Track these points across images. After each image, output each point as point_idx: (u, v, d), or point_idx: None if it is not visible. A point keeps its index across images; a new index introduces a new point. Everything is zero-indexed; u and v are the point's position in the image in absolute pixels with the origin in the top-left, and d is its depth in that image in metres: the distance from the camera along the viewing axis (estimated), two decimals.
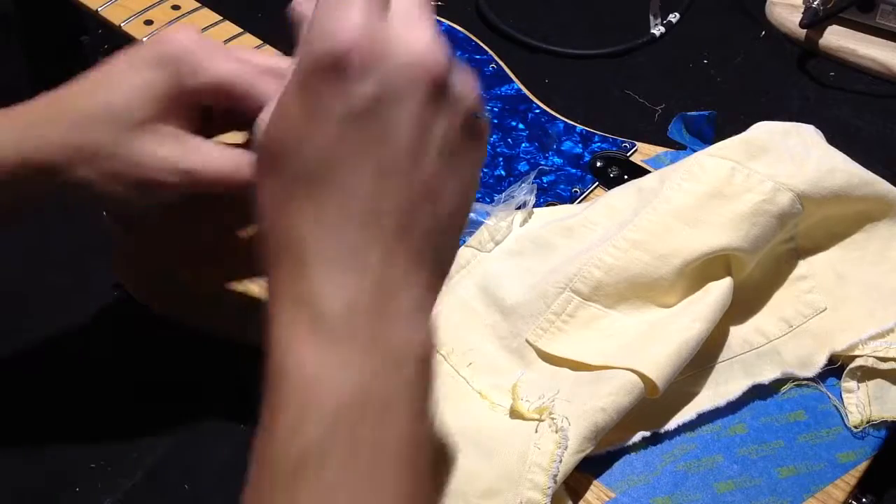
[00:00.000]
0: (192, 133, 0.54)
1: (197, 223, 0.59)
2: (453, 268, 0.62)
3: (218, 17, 0.75)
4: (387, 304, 0.42)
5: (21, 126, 0.53)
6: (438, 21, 0.82)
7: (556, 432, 0.52)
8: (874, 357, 0.58)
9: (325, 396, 0.40)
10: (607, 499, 0.54)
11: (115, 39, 0.88)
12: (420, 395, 0.42)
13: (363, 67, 0.41)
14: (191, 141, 0.53)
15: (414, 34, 0.43)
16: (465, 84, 0.45)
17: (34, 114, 0.53)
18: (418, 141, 0.43)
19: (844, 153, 0.63)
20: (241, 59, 0.53)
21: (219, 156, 0.53)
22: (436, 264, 0.44)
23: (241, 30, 0.75)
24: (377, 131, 0.42)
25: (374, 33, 0.42)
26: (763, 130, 0.63)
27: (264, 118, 0.45)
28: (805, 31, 0.88)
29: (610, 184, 0.68)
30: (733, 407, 0.57)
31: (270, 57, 0.54)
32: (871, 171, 0.63)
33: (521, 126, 0.74)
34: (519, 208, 0.65)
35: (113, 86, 0.52)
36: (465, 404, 0.56)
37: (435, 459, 0.51)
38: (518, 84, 0.77)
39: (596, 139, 0.73)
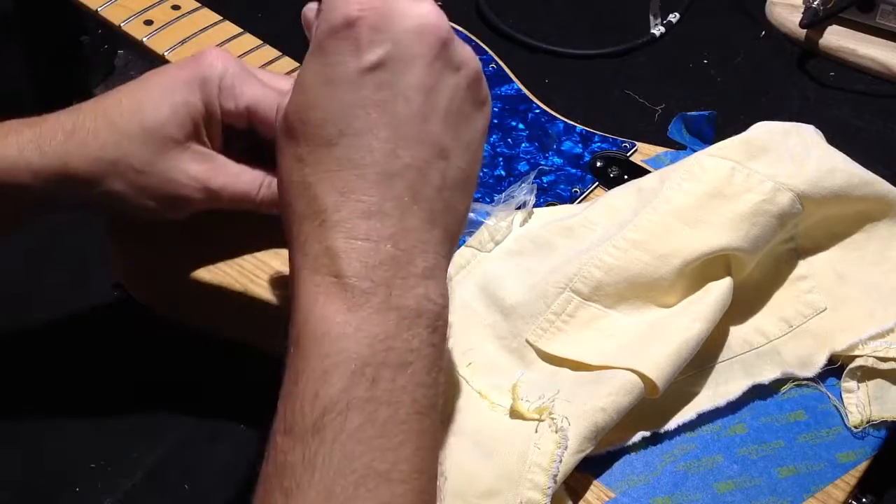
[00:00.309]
0: (218, 151, 0.57)
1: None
2: (453, 268, 0.63)
3: (218, 17, 0.75)
4: (402, 262, 0.44)
5: (61, 136, 0.55)
6: None
7: (556, 432, 0.52)
8: (874, 357, 0.58)
9: (346, 353, 0.42)
10: (607, 499, 0.54)
11: (115, 39, 0.89)
12: (434, 351, 0.44)
13: (374, 29, 0.44)
14: (218, 160, 0.57)
15: (418, 3, 0.46)
16: (467, 52, 0.48)
17: (74, 124, 0.55)
18: (427, 101, 0.45)
19: (844, 153, 0.63)
20: (268, 85, 0.57)
21: (243, 176, 0.57)
22: (448, 222, 0.47)
23: (241, 30, 0.75)
24: (389, 92, 0.45)
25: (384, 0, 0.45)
26: (763, 130, 0.63)
27: (283, 104, 0.47)
28: (805, 31, 0.88)
29: (610, 184, 0.68)
30: (733, 407, 0.57)
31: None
32: (871, 171, 0.63)
33: (521, 126, 0.74)
34: (519, 208, 0.65)
35: (150, 105, 0.55)
36: (464, 404, 0.56)
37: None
38: (518, 84, 0.77)
39: (596, 139, 0.73)
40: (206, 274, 0.60)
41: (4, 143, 0.54)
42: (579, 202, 0.68)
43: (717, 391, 0.58)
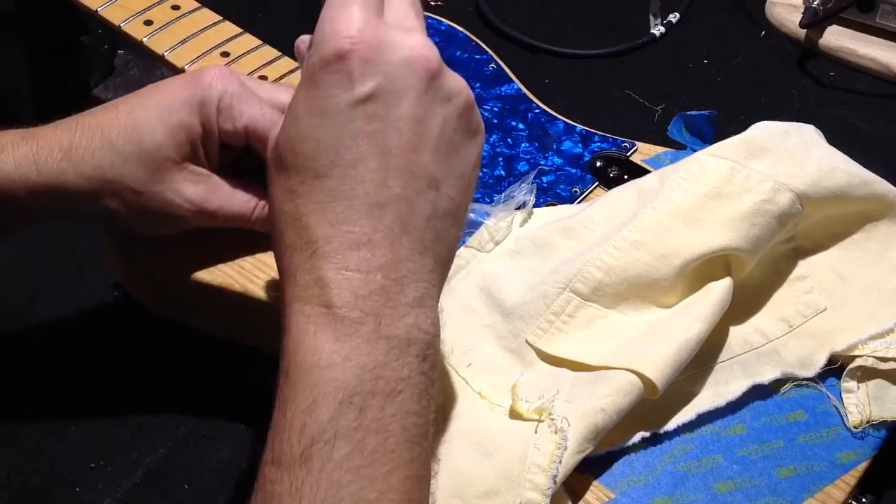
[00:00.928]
0: (214, 170, 0.57)
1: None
2: (453, 268, 0.62)
3: (218, 17, 0.75)
4: (393, 292, 0.44)
5: (58, 152, 0.55)
6: (438, 21, 0.82)
7: (556, 433, 0.52)
8: (874, 357, 0.58)
9: (335, 383, 0.42)
10: (607, 499, 0.54)
11: (115, 39, 0.89)
12: (424, 379, 0.44)
13: (365, 61, 0.44)
14: (214, 181, 0.57)
15: (409, 35, 0.46)
16: (458, 82, 0.48)
17: (71, 141, 0.55)
18: (418, 132, 0.45)
19: (844, 153, 0.63)
20: (268, 102, 0.57)
21: (238, 198, 0.58)
22: (438, 251, 0.47)
23: (241, 30, 0.75)
24: (380, 123, 0.45)
25: (375, 31, 0.45)
26: (763, 130, 0.63)
27: (274, 134, 0.47)
28: (805, 31, 0.88)
29: (610, 184, 0.68)
30: (733, 407, 0.57)
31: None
32: (871, 171, 0.63)
33: (521, 126, 0.74)
34: (519, 208, 0.65)
35: (148, 125, 0.55)
36: (464, 405, 0.56)
37: (434, 460, 0.52)
38: (518, 84, 0.77)
39: (596, 139, 0.73)
40: (206, 275, 0.60)
41: (0, 158, 0.54)
42: (579, 202, 0.68)
43: (717, 391, 0.58)
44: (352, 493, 0.40)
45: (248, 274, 0.60)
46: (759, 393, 0.58)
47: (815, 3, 0.86)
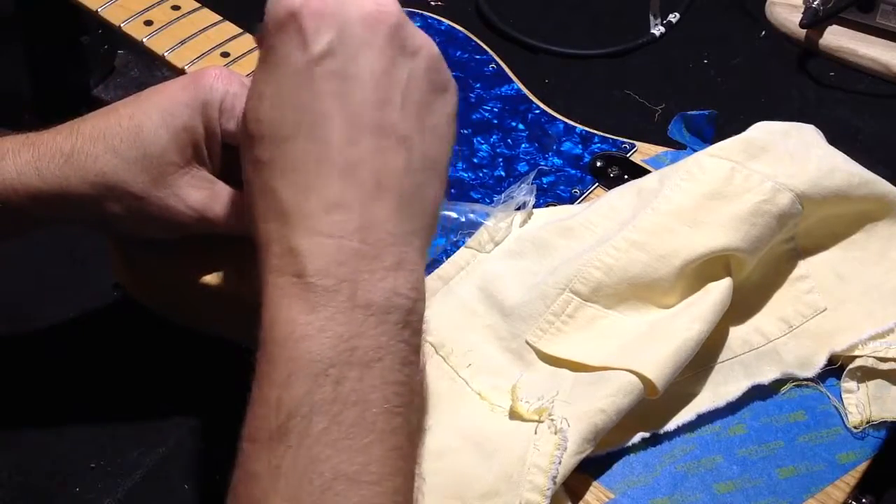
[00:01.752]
0: (217, 171, 0.57)
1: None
2: (453, 268, 0.63)
3: (218, 18, 0.75)
4: (369, 256, 0.43)
5: (59, 158, 0.54)
6: (438, 21, 0.82)
7: (556, 433, 0.52)
8: (874, 357, 0.58)
9: (310, 355, 0.41)
10: (606, 499, 0.54)
11: (115, 39, 0.89)
12: (406, 347, 0.43)
13: (318, 16, 0.43)
14: (217, 188, 0.56)
15: None
16: (422, 37, 0.46)
17: (73, 147, 0.54)
18: (383, 88, 0.44)
19: (844, 153, 0.63)
20: None
21: (240, 205, 0.55)
22: (417, 211, 0.45)
23: (241, 30, 0.74)
24: (341, 81, 0.44)
25: None
26: (763, 130, 0.63)
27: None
28: (805, 31, 0.88)
29: (610, 184, 0.68)
30: (733, 407, 0.57)
31: None
32: (871, 171, 0.63)
33: (520, 126, 0.74)
34: (519, 209, 0.65)
35: (151, 129, 0.54)
36: (464, 405, 0.56)
37: (433, 461, 0.52)
38: (518, 84, 0.77)
39: (596, 140, 0.72)
40: (207, 276, 0.60)
41: (2, 165, 0.54)
42: (579, 203, 0.68)
43: (717, 392, 0.58)
44: (331, 468, 0.39)
45: (250, 275, 0.60)
46: (759, 393, 0.58)
47: (815, 3, 0.86)
